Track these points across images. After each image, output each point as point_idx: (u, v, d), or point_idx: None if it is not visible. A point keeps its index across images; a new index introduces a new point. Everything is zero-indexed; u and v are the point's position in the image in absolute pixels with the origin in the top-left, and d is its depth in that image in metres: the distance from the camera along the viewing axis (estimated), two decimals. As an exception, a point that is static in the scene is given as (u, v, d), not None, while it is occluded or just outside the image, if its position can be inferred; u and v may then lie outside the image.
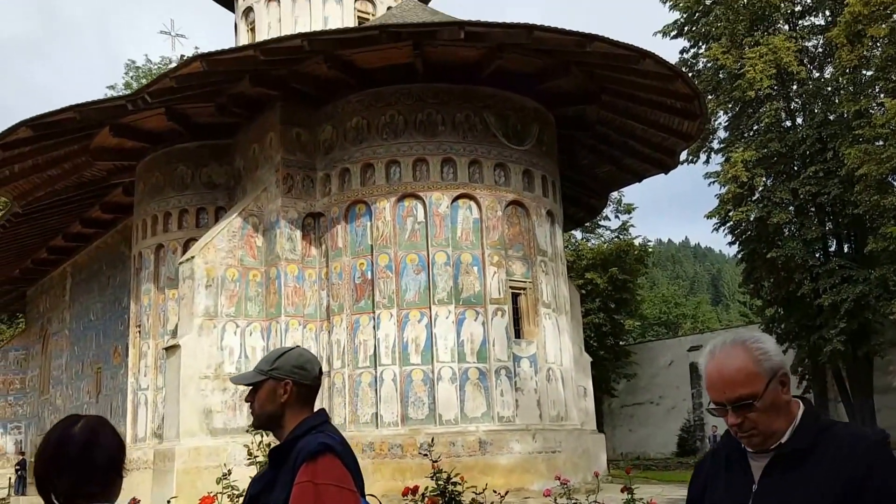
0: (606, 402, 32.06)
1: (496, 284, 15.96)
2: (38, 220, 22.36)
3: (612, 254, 30.82)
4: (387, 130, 16.35)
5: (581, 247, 33.07)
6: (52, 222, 23.19)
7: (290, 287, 16.34)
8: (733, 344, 1.97)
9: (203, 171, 18.30)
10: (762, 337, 2.00)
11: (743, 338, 1.99)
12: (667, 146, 19.55)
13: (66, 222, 23.50)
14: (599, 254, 31.27)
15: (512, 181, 16.62)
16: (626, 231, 33.52)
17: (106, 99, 15.75)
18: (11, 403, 29.73)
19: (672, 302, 54.74)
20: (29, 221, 22.32)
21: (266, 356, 2.65)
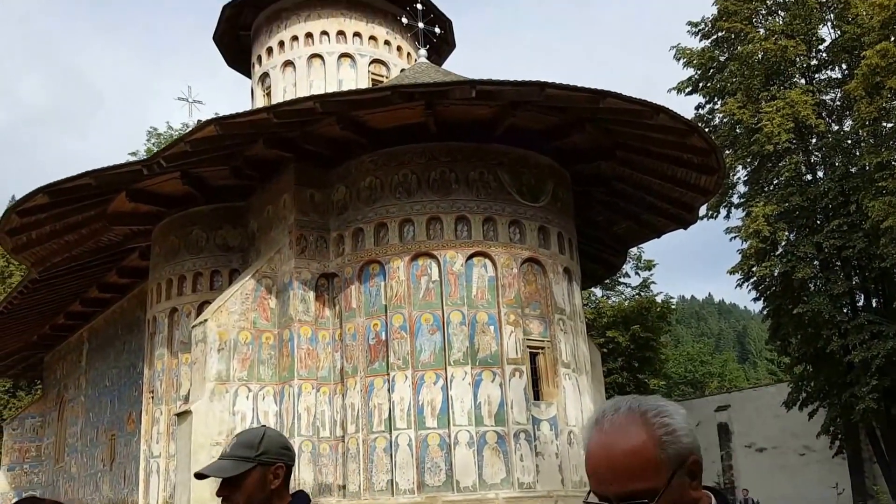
0: (632, 466, 31.08)
1: (513, 344, 15.59)
2: (56, 285, 22.41)
3: (634, 311, 30.32)
4: (400, 190, 16.26)
5: (601, 304, 32.60)
6: (69, 287, 23.22)
7: (304, 349, 16.08)
8: (629, 414, 1.46)
9: (218, 233, 18.27)
10: (668, 407, 1.48)
11: (643, 407, 1.47)
12: (685, 201, 19.29)
13: (84, 287, 23.53)
14: (620, 311, 30.79)
15: (527, 238, 16.38)
16: (647, 288, 33.06)
17: (122, 164, 15.83)
18: (27, 472, 29.39)
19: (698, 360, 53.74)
20: (47, 287, 22.37)
21: (240, 440, 2.36)
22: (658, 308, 31.19)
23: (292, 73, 20.19)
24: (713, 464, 29.03)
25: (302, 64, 20.41)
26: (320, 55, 20.47)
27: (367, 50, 20.83)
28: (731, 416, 28.82)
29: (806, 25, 23.93)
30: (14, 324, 25.76)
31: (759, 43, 23.67)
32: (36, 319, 26.04)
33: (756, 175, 25.29)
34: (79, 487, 24.84)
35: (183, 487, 15.37)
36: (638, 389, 30.67)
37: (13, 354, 30.55)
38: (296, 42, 20.73)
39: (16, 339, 28.20)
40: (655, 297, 32.15)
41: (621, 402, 1.49)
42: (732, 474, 28.14)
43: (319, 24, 20.66)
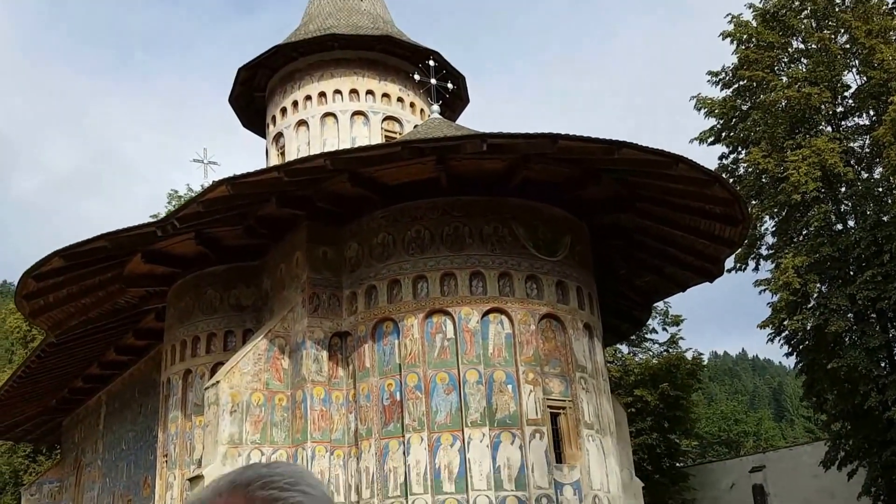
0: (666, 530, 29.82)
1: (533, 404, 15.00)
2: (73, 348, 22.28)
3: (662, 368, 29.43)
4: (413, 245, 15.96)
5: (628, 362, 31.74)
6: (86, 350, 23.09)
7: (317, 411, 15.62)
8: (231, 493, 1.16)
9: (231, 293, 18.06)
10: (282, 478, 1.17)
11: (246, 478, 1.19)
12: (710, 253, 18.73)
13: (101, 350, 23.39)
14: (648, 369, 29.90)
15: (545, 293, 15.92)
16: (675, 344, 32.16)
17: (136, 226, 15.73)
18: (45, 539, 28.93)
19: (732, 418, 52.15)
20: (64, 351, 22.25)
21: None
22: (688, 365, 30.27)
23: (306, 133, 20.22)
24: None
25: (315, 123, 20.44)
26: (333, 114, 20.52)
27: (381, 107, 20.85)
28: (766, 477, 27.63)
29: (830, 72, 23.57)
30: (33, 388, 25.64)
31: (781, 91, 23.32)
32: (54, 383, 25.90)
33: (784, 225, 24.65)
34: (94, 555, 24.30)
35: (191, 557, 14.80)
36: (668, 451, 29.62)
37: (33, 419, 30.39)
38: (309, 101, 20.82)
39: (35, 404, 28.05)
40: (684, 353, 31.26)
41: (223, 480, 1.21)
42: (771, 539, 26.82)
43: (332, 83, 20.77)
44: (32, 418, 30.32)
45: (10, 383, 24.39)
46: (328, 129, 19.91)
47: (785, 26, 24.49)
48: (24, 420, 30.45)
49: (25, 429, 32.07)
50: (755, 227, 25.53)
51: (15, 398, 26.19)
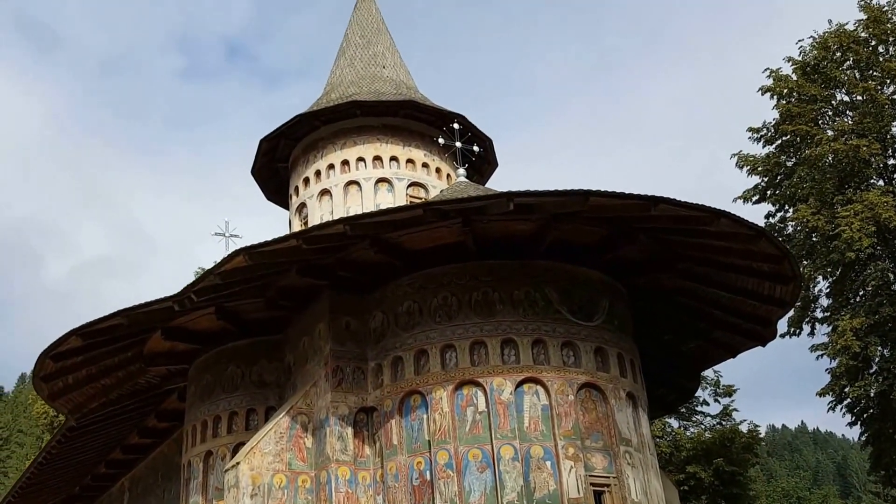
0: None
1: (574, 481, 13.74)
2: (94, 432, 21.55)
3: (716, 443, 27.65)
4: (440, 313, 15.08)
5: (678, 436, 29.97)
6: (108, 434, 22.34)
7: (342, 492, 14.53)
8: None
9: (253, 369, 17.26)
10: None
11: None
12: (760, 315, 17.48)
13: (124, 433, 22.64)
14: (700, 444, 28.12)
15: (583, 361, 14.83)
16: (728, 416, 30.33)
17: (153, 301, 15.15)
18: None
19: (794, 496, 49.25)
20: (85, 435, 21.52)
21: None
22: (743, 438, 28.43)
23: (329, 202, 19.73)
24: None
25: (339, 191, 19.96)
26: (357, 182, 20.05)
27: (405, 173, 20.33)
28: (838, 561, 25.40)
29: (878, 123, 22.59)
30: (55, 474, 24.87)
31: (828, 144, 22.35)
32: (77, 469, 25.11)
33: (839, 286, 23.31)
34: None
35: None
36: (728, 532, 27.55)
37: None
38: (332, 170, 20.40)
39: (57, 492, 27.25)
40: (739, 425, 29.43)
41: None
42: None
43: (355, 150, 20.37)
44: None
45: (30, 471, 23.70)
46: (352, 197, 19.40)
47: (827, 78, 23.68)
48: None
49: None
50: (808, 288, 24.23)
51: (36, 487, 25.45)
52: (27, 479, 24.30)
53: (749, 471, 28.55)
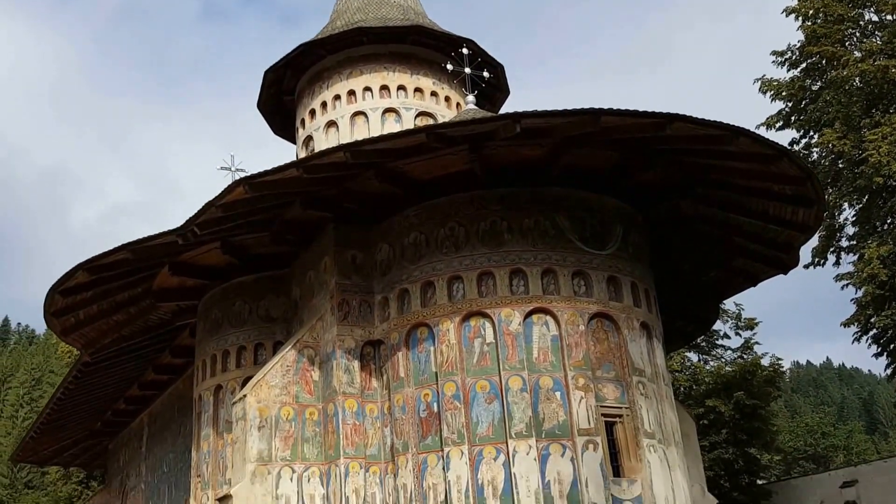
0: (747, 554, 27.44)
1: (584, 412, 13.43)
2: (110, 368, 21.67)
3: (736, 376, 27.20)
4: (447, 244, 14.64)
5: (698, 370, 29.58)
6: (124, 371, 22.50)
7: (349, 425, 14.41)
8: None
9: (260, 304, 17.09)
10: None
11: None
12: (782, 241, 16.82)
13: (140, 370, 22.80)
14: (720, 377, 27.69)
15: (594, 291, 14.37)
16: (750, 350, 29.80)
17: (156, 235, 14.85)
18: (93, 565, 28.43)
19: (819, 432, 48.78)
20: (101, 371, 21.67)
21: None
22: (765, 371, 27.94)
23: (335, 134, 19.20)
24: (843, 550, 25.22)
25: (345, 123, 19.41)
26: (364, 112, 19.48)
27: (413, 103, 19.69)
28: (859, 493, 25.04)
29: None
30: (75, 410, 25.21)
31: (855, 66, 21.27)
32: (96, 405, 25.44)
33: (866, 213, 22.48)
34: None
35: (224, 583, 13.75)
36: (747, 466, 27.32)
37: (80, 443, 30.11)
38: (338, 101, 19.81)
39: (79, 427, 27.69)
40: (760, 359, 28.92)
41: None
42: (867, 561, 24.25)
43: (362, 80, 19.72)
44: (79, 442, 30.03)
45: (50, 406, 24.00)
46: (358, 128, 18.84)
47: (854, -3, 22.47)
48: (70, 444, 30.17)
49: (73, 453, 31.85)
50: (834, 216, 23.47)
51: (58, 422, 25.82)
52: (48, 414, 24.64)
53: (771, 405, 28.15)
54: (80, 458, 33.34)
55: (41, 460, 34.24)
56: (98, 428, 27.85)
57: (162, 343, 21.11)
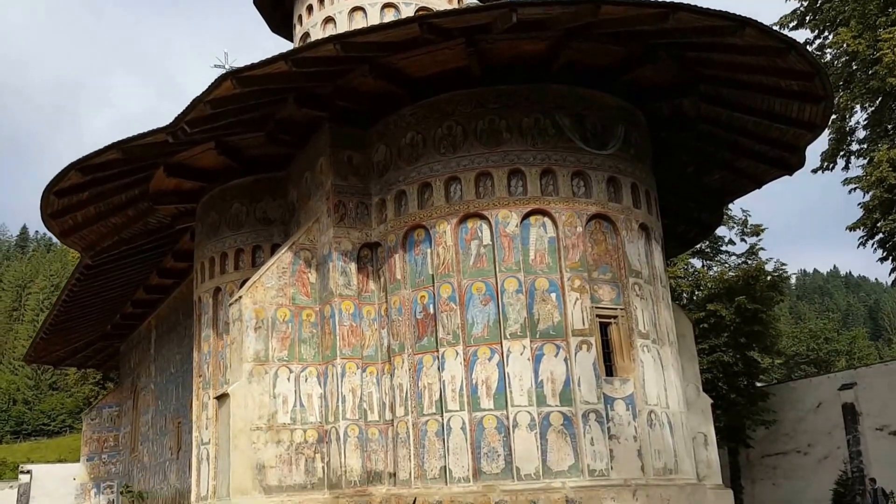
0: (743, 453, 28.05)
1: (579, 313, 13.43)
2: (113, 271, 21.80)
3: (739, 281, 27.16)
4: (444, 144, 14.36)
5: (701, 275, 29.54)
6: (128, 274, 22.66)
7: (346, 326, 14.49)
8: None
9: (258, 206, 16.97)
10: None
11: None
12: (788, 141, 16.43)
13: (144, 274, 22.96)
14: (723, 282, 27.67)
15: (594, 191, 14.15)
16: (754, 255, 29.65)
17: (146, 133, 14.54)
18: (105, 462, 29.43)
19: (822, 337, 49.14)
20: (104, 274, 21.81)
21: None
22: (768, 277, 27.87)
23: (333, 29, 18.58)
24: (838, 450, 25.67)
25: (343, 18, 18.78)
26: (362, 7, 18.80)
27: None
28: (858, 396, 25.27)
29: (930, -66, 20.40)
30: (83, 313, 25.57)
31: (873, -39, 20.31)
32: (104, 308, 25.81)
33: (877, 116, 21.92)
34: (150, 477, 24.36)
35: (222, 475, 14.17)
36: (747, 368, 27.62)
37: (91, 345, 30.71)
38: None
39: (90, 330, 28.16)
40: (764, 264, 28.78)
41: None
42: (861, 462, 24.70)
43: (361, -29, 18.93)
44: (91, 344, 30.63)
45: (57, 308, 24.30)
46: (356, 24, 18.13)
47: None
48: (83, 346, 30.79)
49: (86, 355, 32.54)
50: (845, 119, 22.88)
51: (66, 324, 26.21)
52: (55, 316, 24.98)
53: (772, 309, 28.18)
54: (93, 359, 34.09)
55: (55, 361, 35.00)
56: (109, 331, 28.36)
57: (164, 247, 21.16)
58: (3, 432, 59.99)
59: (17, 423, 59.70)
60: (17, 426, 59.61)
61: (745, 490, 27.60)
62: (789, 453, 27.17)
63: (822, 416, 26.47)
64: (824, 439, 26.15)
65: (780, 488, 27.18)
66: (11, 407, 60.78)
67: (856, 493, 24.32)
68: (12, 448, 54.09)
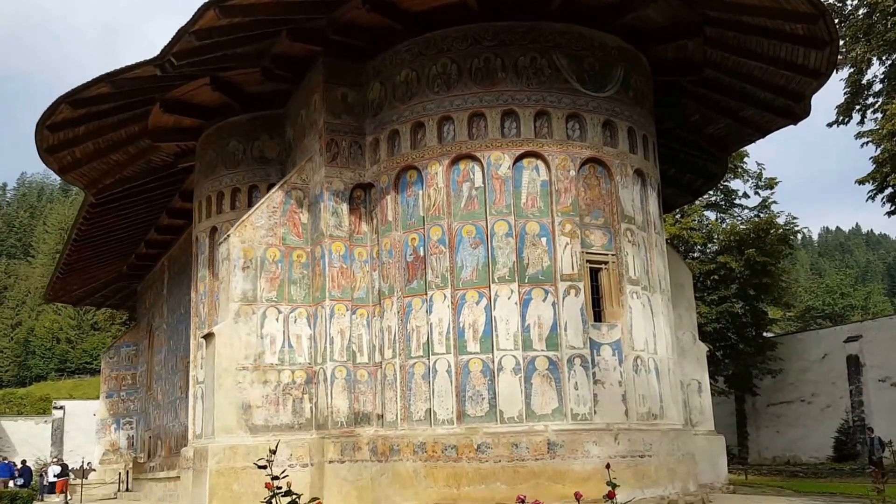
0: (750, 401, 28.18)
1: (569, 258, 13.29)
2: (120, 210, 21.83)
3: (750, 234, 26.83)
4: (438, 82, 14.09)
5: (713, 227, 29.21)
6: (137, 213, 22.71)
7: (336, 268, 14.41)
8: None
9: (255, 144, 16.82)
10: None
11: None
12: (792, 89, 15.98)
13: (154, 214, 23.01)
14: (734, 234, 27.35)
15: (589, 135, 13.88)
16: (767, 209, 29.23)
17: (134, 65, 14.22)
18: (124, 399, 29.97)
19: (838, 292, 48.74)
20: (110, 213, 21.85)
21: None
22: (778, 230, 27.49)
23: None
24: (840, 399, 25.69)
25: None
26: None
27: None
28: (862, 348, 25.21)
29: None
30: (95, 252, 25.77)
31: None
32: (117, 248, 25.99)
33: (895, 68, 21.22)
34: (163, 415, 24.78)
35: (208, 414, 14.30)
36: (755, 319, 27.50)
37: (109, 285, 31.01)
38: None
39: (105, 269, 28.43)
40: (775, 217, 28.35)
41: None
42: (863, 412, 24.68)
43: None
44: (109, 284, 30.94)
45: (68, 247, 24.47)
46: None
47: None
48: (100, 286, 31.12)
49: (104, 294, 32.91)
50: (862, 71, 22.21)
51: (79, 263, 26.45)
52: (67, 255, 25.17)
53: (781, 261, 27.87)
54: (112, 299, 34.48)
55: (74, 300, 35.47)
56: (125, 271, 28.62)
57: (171, 187, 21.12)
58: (49, 370, 62.08)
59: (61, 362, 61.87)
60: (62, 364, 61.76)
61: (750, 436, 27.90)
62: (794, 402, 27.26)
63: (826, 367, 26.49)
64: (828, 389, 26.24)
65: (783, 436, 27.35)
66: (55, 346, 62.92)
67: (856, 441, 24.38)
68: (56, 385, 55.94)
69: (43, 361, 63.07)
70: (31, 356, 63.60)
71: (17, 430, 41.38)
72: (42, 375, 61.86)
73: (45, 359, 63.12)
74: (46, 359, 62.96)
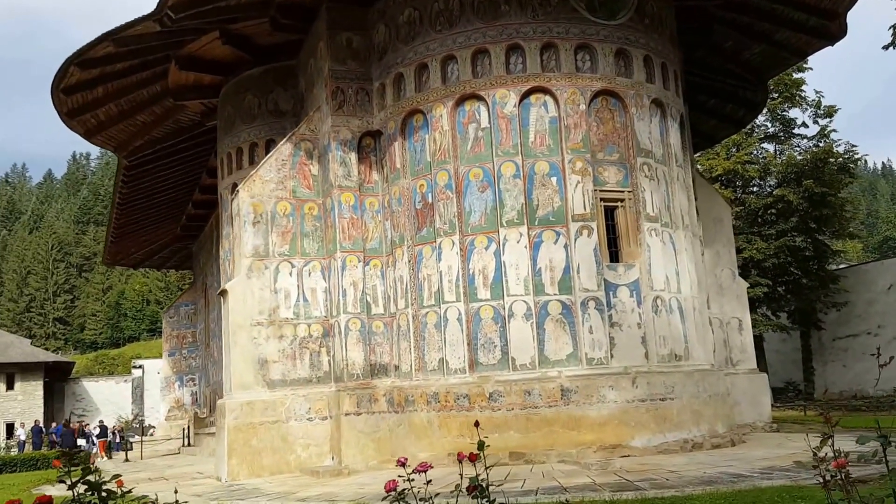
0: (815, 336, 27.07)
1: (580, 197, 12.68)
2: (156, 171, 22.07)
3: (807, 164, 25.31)
4: (441, 19, 13.51)
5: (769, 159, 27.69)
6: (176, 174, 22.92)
7: (346, 219, 14.13)
8: None
9: (269, 97, 16.61)
10: None
11: None
12: (825, 7, 14.70)
13: (194, 174, 23.19)
14: (791, 166, 25.86)
15: (599, 66, 13.11)
16: (826, 138, 27.43)
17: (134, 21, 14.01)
18: (186, 357, 30.72)
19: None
20: (148, 174, 22.09)
21: None
22: (837, 158, 25.82)
23: None
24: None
25: None
26: None
27: None
28: (930, 277, 23.69)
29: None
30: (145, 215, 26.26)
31: None
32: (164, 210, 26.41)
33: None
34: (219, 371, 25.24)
35: (226, 370, 14.37)
36: (817, 252, 26.15)
37: (166, 247, 31.69)
38: None
39: (160, 232, 29.01)
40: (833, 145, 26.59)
41: None
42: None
43: None
44: (166, 246, 31.63)
45: (114, 211, 24.92)
46: None
47: None
48: (158, 248, 31.83)
49: (162, 256, 33.70)
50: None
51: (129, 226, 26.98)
52: (115, 219, 25.68)
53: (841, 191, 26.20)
54: (171, 260, 35.31)
55: (134, 263, 36.42)
56: (179, 233, 29.16)
57: (205, 146, 21.17)
58: (140, 331, 64.82)
59: (152, 322, 64.23)
60: (152, 325, 64.14)
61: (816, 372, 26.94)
62: (860, 335, 26.00)
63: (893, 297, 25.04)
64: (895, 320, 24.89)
65: (850, 369, 26.21)
66: (146, 307, 65.44)
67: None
68: (149, 345, 58.22)
69: (135, 323, 65.67)
70: (123, 318, 66.24)
71: (99, 390, 43.22)
72: (135, 336, 64.37)
73: (136, 320, 65.72)
74: (138, 320, 65.53)
